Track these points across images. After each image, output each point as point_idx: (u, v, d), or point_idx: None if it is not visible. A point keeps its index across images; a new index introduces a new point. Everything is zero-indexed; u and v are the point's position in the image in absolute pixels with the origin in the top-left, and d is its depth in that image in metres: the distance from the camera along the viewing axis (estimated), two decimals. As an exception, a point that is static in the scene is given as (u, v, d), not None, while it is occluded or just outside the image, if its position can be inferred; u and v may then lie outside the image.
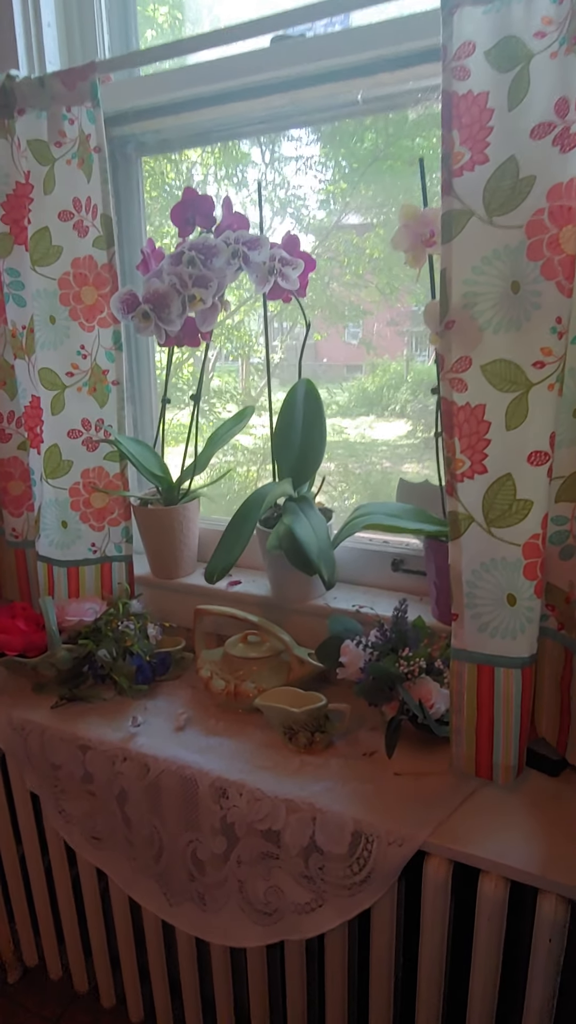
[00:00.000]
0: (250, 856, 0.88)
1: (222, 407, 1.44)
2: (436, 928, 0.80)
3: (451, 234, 0.73)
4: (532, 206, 0.70)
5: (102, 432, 1.16)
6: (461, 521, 0.79)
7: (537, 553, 0.77)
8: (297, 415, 1.09)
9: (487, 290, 0.73)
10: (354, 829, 0.81)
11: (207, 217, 1.03)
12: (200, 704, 1.07)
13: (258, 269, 1.00)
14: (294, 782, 0.87)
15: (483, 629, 0.81)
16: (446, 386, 0.76)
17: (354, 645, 0.95)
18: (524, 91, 0.69)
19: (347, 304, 1.27)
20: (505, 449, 0.75)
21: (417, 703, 0.87)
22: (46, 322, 1.11)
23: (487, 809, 0.83)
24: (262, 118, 1.12)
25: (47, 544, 1.19)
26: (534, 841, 0.77)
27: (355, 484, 1.35)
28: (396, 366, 1.29)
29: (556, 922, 0.73)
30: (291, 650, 1.03)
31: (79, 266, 1.08)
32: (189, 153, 1.28)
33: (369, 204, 1.20)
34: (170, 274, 0.99)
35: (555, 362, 0.72)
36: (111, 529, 1.21)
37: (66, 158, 1.04)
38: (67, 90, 1.01)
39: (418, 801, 0.83)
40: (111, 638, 1.09)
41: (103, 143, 1.02)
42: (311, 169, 1.19)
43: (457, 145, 0.71)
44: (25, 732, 1.04)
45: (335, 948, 0.88)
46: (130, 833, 0.97)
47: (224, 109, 1.09)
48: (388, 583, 1.16)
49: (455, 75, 0.71)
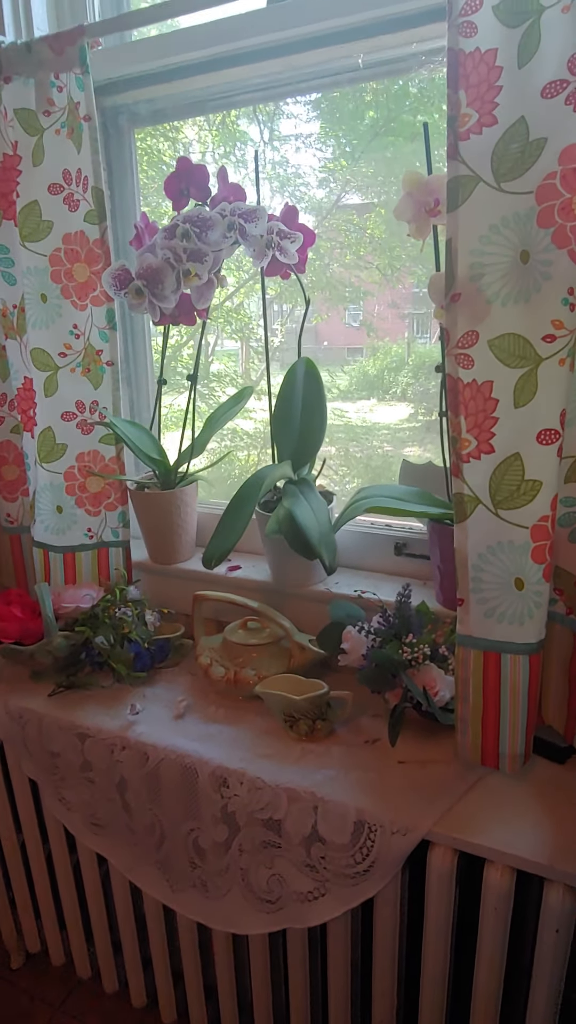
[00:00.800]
0: (252, 845, 0.87)
1: (222, 390, 1.41)
2: (440, 919, 0.78)
3: (457, 202, 0.69)
4: (543, 170, 0.66)
5: (97, 414, 1.13)
6: (467, 503, 0.76)
7: (546, 536, 0.74)
8: (297, 394, 1.06)
9: (495, 260, 0.70)
10: (356, 818, 0.79)
11: (202, 188, 0.99)
12: (199, 691, 1.05)
13: (255, 242, 0.97)
14: (295, 770, 0.86)
15: (490, 614, 0.78)
16: (451, 362, 0.73)
17: (356, 631, 0.92)
18: (535, 47, 0.65)
19: (348, 285, 1.23)
20: (513, 428, 0.73)
21: (421, 690, 0.85)
22: (37, 300, 1.07)
23: (493, 798, 0.81)
24: (259, 85, 1.07)
25: (43, 530, 1.17)
26: (541, 830, 0.76)
27: (356, 468, 1.32)
28: (397, 349, 1.26)
29: (564, 912, 0.71)
30: (292, 636, 1.01)
31: (70, 242, 1.05)
32: (186, 131, 1.24)
33: (369, 183, 1.16)
34: (164, 248, 0.96)
35: (566, 335, 0.69)
36: (107, 514, 1.18)
37: (55, 128, 1.00)
38: (55, 55, 0.97)
39: (422, 790, 0.82)
40: (108, 625, 1.07)
41: (93, 112, 0.98)
42: (310, 147, 1.15)
43: (464, 106, 0.68)
44: (23, 720, 1.03)
45: (338, 937, 0.86)
46: (131, 821, 0.96)
47: (219, 76, 1.05)
48: (391, 567, 1.14)
49: (461, 32, 0.67)
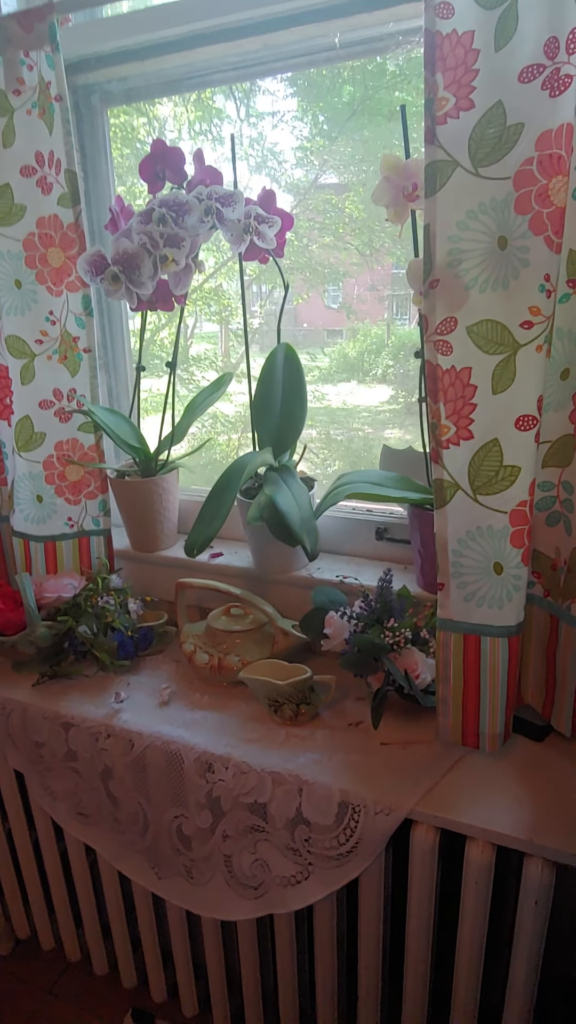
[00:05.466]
0: (236, 830, 0.88)
1: (201, 375, 1.40)
2: (424, 895, 0.80)
3: (435, 187, 0.69)
4: (520, 155, 0.66)
5: (75, 402, 1.12)
6: (447, 489, 0.77)
7: (524, 520, 0.75)
8: (276, 382, 1.06)
9: (473, 247, 0.70)
10: (341, 800, 0.80)
11: (178, 171, 0.97)
12: (184, 678, 1.06)
13: (233, 227, 0.96)
14: (280, 754, 0.87)
15: (469, 598, 0.79)
16: (430, 349, 0.74)
17: (338, 616, 0.93)
18: (512, 30, 0.65)
19: (327, 267, 1.22)
20: (491, 414, 0.73)
21: (403, 674, 0.86)
22: (11, 286, 1.05)
23: (473, 776, 0.83)
24: (234, 64, 1.05)
25: (22, 519, 1.16)
26: (520, 806, 0.78)
27: (337, 451, 1.33)
28: (377, 330, 1.26)
29: (542, 885, 0.73)
30: (275, 622, 1.02)
31: (44, 226, 1.03)
32: (161, 108, 1.21)
33: (347, 162, 1.15)
34: (140, 233, 0.94)
35: (543, 322, 0.69)
36: (88, 503, 1.17)
37: (26, 108, 0.98)
38: (24, 33, 0.94)
39: (405, 770, 0.83)
40: (91, 614, 1.07)
41: (64, 91, 0.96)
42: (287, 124, 1.14)
43: (441, 90, 0.67)
44: (7, 711, 1.02)
45: (324, 917, 0.88)
46: (116, 810, 0.97)
47: (194, 54, 1.03)
48: (372, 552, 1.15)
49: (438, 13, 0.66)
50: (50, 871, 1.13)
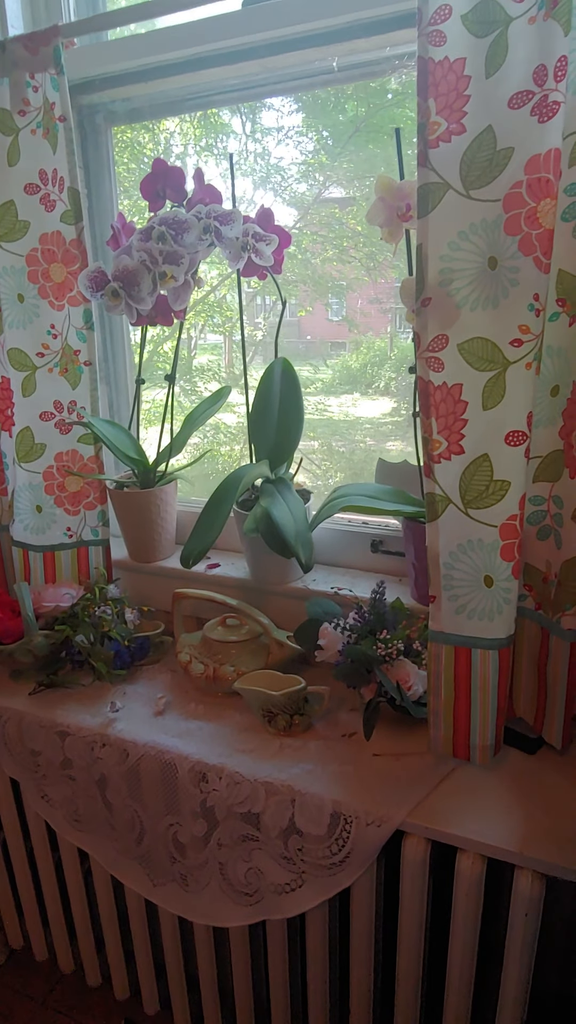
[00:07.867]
0: (230, 839, 0.88)
1: (204, 385, 1.41)
2: (415, 905, 0.81)
3: (427, 208, 0.71)
4: (510, 178, 0.68)
5: (75, 414, 1.13)
6: (438, 502, 0.78)
7: (515, 534, 0.76)
8: (273, 395, 1.07)
9: (464, 266, 0.71)
10: (333, 810, 0.81)
11: (178, 190, 0.99)
12: (179, 688, 1.06)
13: (231, 245, 0.97)
14: (273, 765, 0.87)
15: (460, 611, 0.80)
16: (422, 365, 0.75)
17: (332, 628, 0.94)
18: (502, 58, 0.66)
19: (330, 279, 1.24)
20: (482, 429, 0.74)
21: (395, 685, 0.87)
22: (14, 300, 1.07)
23: (465, 788, 0.83)
24: (236, 86, 1.08)
25: (22, 529, 1.17)
26: (511, 819, 0.78)
27: (339, 462, 1.34)
28: (380, 343, 1.27)
29: (532, 897, 0.74)
30: (270, 633, 1.03)
31: (47, 242, 1.05)
32: (167, 123, 1.24)
33: (351, 176, 1.17)
34: (139, 250, 0.96)
35: (533, 340, 0.70)
36: (87, 513, 1.19)
37: (31, 127, 1.00)
38: (30, 55, 0.97)
39: (396, 782, 0.84)
40: (88, 623, 1.08)
41: (68, 112, 0.98)
42: (292, 140, 1.16)
43: (433, 115, 0.69)
44: (3, 719, 1.03)
45: (316, 926, 0.88)
46: (111, 817, 0.97)
47: (196, 76, 1.05)
48: (367, 564, 1.16)
49: (431, 40, 0.68)
50: (44, 881, 1.13)
